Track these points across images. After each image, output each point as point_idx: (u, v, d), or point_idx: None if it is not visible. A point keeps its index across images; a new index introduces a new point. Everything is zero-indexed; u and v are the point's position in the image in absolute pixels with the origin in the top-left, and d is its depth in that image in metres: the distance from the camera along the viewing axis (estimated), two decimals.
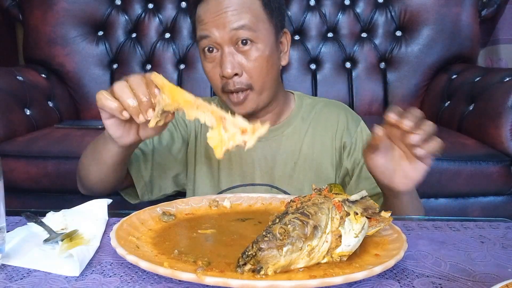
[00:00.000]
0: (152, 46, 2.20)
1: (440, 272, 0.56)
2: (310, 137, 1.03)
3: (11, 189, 0.95)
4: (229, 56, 0.89)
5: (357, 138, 1.02)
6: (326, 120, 1.04)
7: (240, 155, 1.02)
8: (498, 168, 1.54)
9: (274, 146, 1.02)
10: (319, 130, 1.03)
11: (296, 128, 1.03)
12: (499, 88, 1.61)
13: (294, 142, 1.02)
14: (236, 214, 0.74)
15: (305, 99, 1.08)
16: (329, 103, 1.09)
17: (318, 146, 1.02)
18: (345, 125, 1.03)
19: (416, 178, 0.74)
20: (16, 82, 1.83)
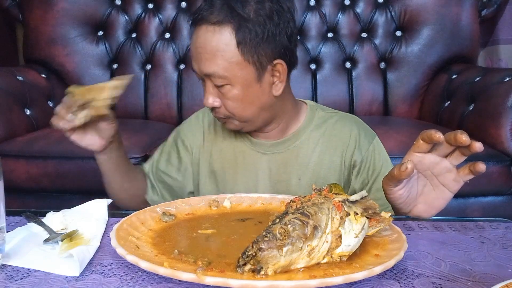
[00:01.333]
0: (152, 46, 2.20)
1: (440, 272, 0.56)
2: (318, 153, 0.98)
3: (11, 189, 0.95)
4: (209, 89, 0.89)
5: (368, 156, 0.97)
6: (337, 136, 0.98)
7: (245, 166, 1.00)
8: (498, 168, 1.54)
9: (279, 159, 0.99)
10: (328, 146, 0.98)
11: (304, 142, 0.99)
12: (499, 88, 1.62)
13: (301, 157, 0.98)
14: (236, 214, 0.74)
15: (318, 112, 1.02)
16: (343, 117, 1.02)
17: (326, 163, 0.97)
18: (357, 142, 0.97)
19: (440, 206, 0.73)
20: (16, 82, 1.83)
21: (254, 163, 1.00)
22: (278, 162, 0.99)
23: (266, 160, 0.99)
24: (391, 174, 0.69)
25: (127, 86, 0.96)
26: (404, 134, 1.64)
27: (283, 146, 0.99)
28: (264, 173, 0.99)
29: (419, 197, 0.73)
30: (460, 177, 0.70)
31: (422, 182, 0.72)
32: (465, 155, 0.67)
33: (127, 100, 2.16)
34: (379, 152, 0.99)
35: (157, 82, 2.17)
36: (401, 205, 0.74)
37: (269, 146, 0.99)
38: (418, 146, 0.69)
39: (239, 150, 1.01)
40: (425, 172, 0.71)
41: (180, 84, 2.18)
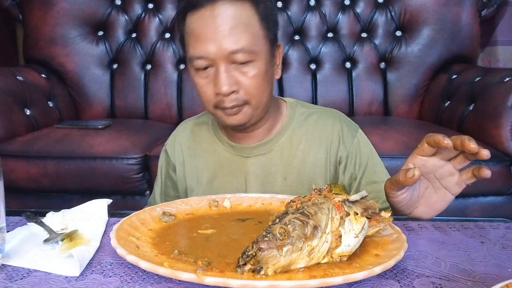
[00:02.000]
0: (152, 46, 2.20)
1: (440, 272, 0.56)
2: (302, 151, 0.97)
3: (11, 189, 0.96)
4: (225, 73, 0.84)
5: (353, 151, 0.96)
6: (320, 132, 0.97)
7: (231, 172, 0.98)
8: (498, 168, 1.54)
9: (264, 160, 0.97)
10: (312, 144, 0.97)
11: (286, 141, 0.97)
12: (499, 88, 1.62)
13: (285, 156, 0.97)
14: (236, 214, 0.74)
15: (298, 108, 1.01)
16: (324, 113, 1.01)
17: (310, 161, 0.96)
18: (341, 138, 0.96)
19: (441, 208, 0.72)
20: (16, 82, 1.83)
21: (240, 168, 0.98)
22: (263, 164, 0.97)
23: (251, 163, 0.97)
24: (396, 180, 0.68)
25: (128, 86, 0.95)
26: (404, 134, 1.65)
27: (266, 147, 0.97)
28: (251, 176, 0.97)
29: (420, 199, 0.73)
30: (462, 181, 0.69)
31: (424, 184, 0.72)
32: (469, 160, 0.66)
33: (127, 100, 2.16)
34: (364, 144, 0.98)
35: (157, 82, 2.17)
36: (402, 207, 0.73)
37: (252, 148, 0.97)
38: (422, 150, 0.68)
39: (223, 158, 0.99)
40: (427, 175, 0.71)
41: (180, 84, 2.18)
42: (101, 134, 1.70)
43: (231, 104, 0.86)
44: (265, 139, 0.97)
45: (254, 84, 0.86)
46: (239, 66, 0.85)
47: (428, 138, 0.67)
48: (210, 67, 0.85)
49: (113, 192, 1.62)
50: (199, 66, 0.86)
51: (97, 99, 2.16)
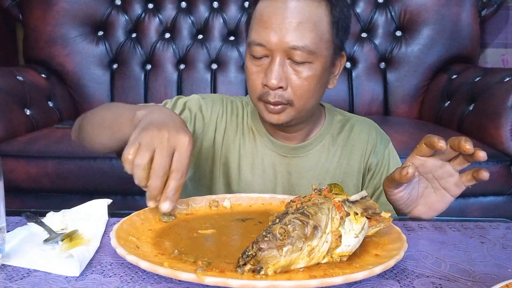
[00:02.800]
0: (152, 46, 2.20)
1: (440, 272, 0.56)
2: (338, 157, 0.97)
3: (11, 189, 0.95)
4: (278, 66, 0.82)
5: (383, 161, 0.97)
6: (355, 140, 0.98)
7: (263, 167, 0.96)
8: (498, 168, 1.54)
9: (300, 163, 0.96)
10: (347, 150, 0.97)
11: (324, 147, 0.97)
12: (499, 88, 1.62)
13: (322, 161, 0.96)
14: (236, 214, 0.74)
15: (336, 115, 1.01)
16: (360, 121, 1.01)
17: (344, 167, 0.97)
18: (374, 146, 0.97)
19: (441, 209, 0.72)
20: (16, 82, 1.83)
21: (273, 165, 0.96)
22: (299, 166, 0.96)
23: (286, 164, 0.96)
24: (392, 177, 0.69)
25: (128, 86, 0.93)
26: (404, 134, 1.65)
27: (304, 150, 0.96)
28: (284, 176, 0.96)
29: (420, 199, 0.73)
30: (462, 182, 0.69)
31: (423, 184, 0.72)
32: (468, 162, 0.67)
33: (127, 100, 2.16)
34: (393, 157, 0.99)
35: (157, 82, 2.18)
36: (401, 206, 0.74)
37: (291, 149, 0.96)
38: (420, 150, 0.69)
39: (258, 150, 0.97)
40: (426, 175, 0.71)
41: (180, 84, 2.18)
42: None
43: (274, 99, 0.84)
44: (304, 142, 0.96)
45: (304, 86, 0.84)
46: (294, 64, 0.83)
47: (426, 140, 0.67)
48: (266, 57, 0.84)
49: (113, 192, 1.62)
50: (255, 53, 0.84)
51: (97, 99, 2.16)
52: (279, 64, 0.82)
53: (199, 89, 2.15)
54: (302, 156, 0.96)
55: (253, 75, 0.86)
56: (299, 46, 0.81)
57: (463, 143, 0.63)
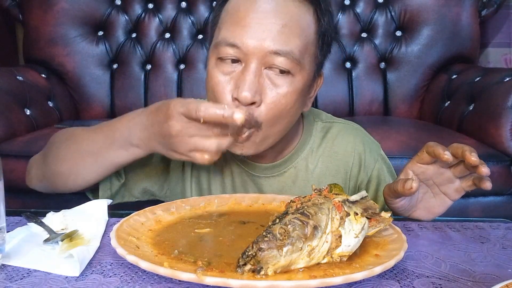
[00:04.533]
0: (152, 46, 2.20)
1: (440, 273, 0.56)
2: (318, 175, 0.85)
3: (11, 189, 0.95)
4: (253, 75, 0.68)
5: (375, 176, 0.88)
6: (338, 153, 0.86)
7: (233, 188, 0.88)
8: (498, 168, 1.54)
9: (275, 183, 0.85)
10: (329, 166, 0.86)
11: (302, 163, 0.85)
12: (499, 88, 1.62)
13: (299, 180, 0.85)
14: (236, 215, 0.74)
15: (316, 123, 0.88)
16: (343, 129, 0.89)
17: None
18: (362, 161, 0.86)
19: (440, 212, 0.72)
20: (16, 82, 1.83)
21: (244, 185, 0.87)
22: (273, 187, 0.85)
23: (259, 184, 0.86)
24: (394, 189, 0.66)
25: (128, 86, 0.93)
26: (404, 134, 1.64)
27: (279, 169, 0.85)
28: None
29: (419, 203, 0.72)
30: (462, 188, 0.69)
31: (423, 189, 0.72)
32: (470, 171, 0.66)
33: (127, 100, 2.17)
34: (386, 166, 0.91)
35: (157, 82, 2.17)
36: (400, 211, 0.74)
37: (263, 169, 0.85)
38: (422, 158, 0.67)
39: (228, 170, 0.87)
40: (427, 181, 0.71)
41: (180, 84, 2.18)
42: None
43: None
44: (279, 159, 0.85)
45: (281, 104, 0.70)
46: (273, 75, 0.70)
47: (429, 149, 0.65)
48: (237, 62, 0.70)
49: None
50: (225, 55, 0.70)
51: (97, 99, 2.16)
52: (254, 73, 0.68)
53: (199, 89, 2.15)
54: (275, 176, 0.85)
55: (219, 85, 0.70)
56: (282, 51, 0.68)
57: (468, 154, 0.61)
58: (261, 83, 0.69)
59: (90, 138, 0.77)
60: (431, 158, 0.66)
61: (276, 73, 0.70)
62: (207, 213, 0.75)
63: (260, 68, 0.69)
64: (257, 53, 0.68)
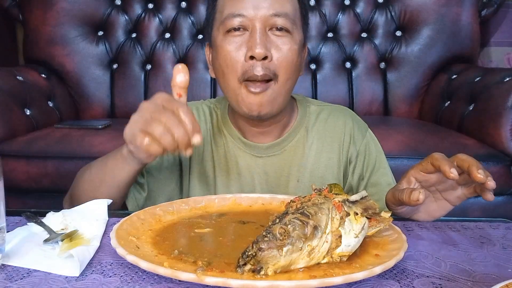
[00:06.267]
0: (152, 46, 2.20)
1: (440, 273, 0.56)
2: (315, 151, 0.93)
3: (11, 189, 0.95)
4: (261, 35, 0.80)
5: (363, 150, 0.94)
6: (332, 131, 0.94)
7: (238, 170, 0.93)
8: (498, 168, 1.54)
9: (276, 162, 0.93)
10: (325, 142, 0.94)
11: (299, 141, 0.94)
12: (499, 88, 1.62)
13: (298, 157, 0.93)
14: (236, 215, 0.74)
15: (309, 106, 0.97)
16: (334, 110, 0.98)
17: (323, 161, 0.93)
18: (352, 137, 0.94)
19: (440, 216, 0.72)
20: (16, 82, 1.83)
21: (248, 167, 0.93)
22: (275, 165, 0.93)
23: (262, 164, 0.93)
24: (400, 198, 0.67)
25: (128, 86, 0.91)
26: (404, 134, 1.65)
27: (279, 147, 0.93)
28: (261, 177, 0.93)
29: (420, 207, 0.73)
30: (464, 194, 0.69)
31: None
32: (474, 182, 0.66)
33: (127, 100, 2.17)
34: (373, 144, 0.96)
35: (157, 82, 2.18)
36: (401, 215, 0.74)
37: (265, 148, 0.93)
38: (425, 168, 0.68)
39: (232, 154, 0.94)
40: (429, 188, 0.71)
41: None
42: (101, 134, 1.70)
43: (262, 72, 0.80)
44: (279, 138, 0.93)
45: (288, 57, 0.82)
46: (275, 35, 0.82)
47: (434, 161, 0.65)
48: (244, 29, 0.82)
49: None
50: (230, 26, 0.82)
51: (97, 99, 2.17)
52: (261, 33, 0.80)
53: (200, 89, 2.16)
54: (277, 155, 0.93)
55: (231, 53, 0.82)
56: (281, 13, 0.81)
57: (475, 172, 0.61)
58: (269, 41, 0.81)
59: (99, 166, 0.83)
60: (435, 168, 0.66)
61: (278, 33, 0.82)
62: (207, 213, 0.75)
63: (264, 30, 0.81)
64: (259, 17, 0.81)
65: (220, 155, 0.95)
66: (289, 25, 0.82)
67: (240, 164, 0.94)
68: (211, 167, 0.95)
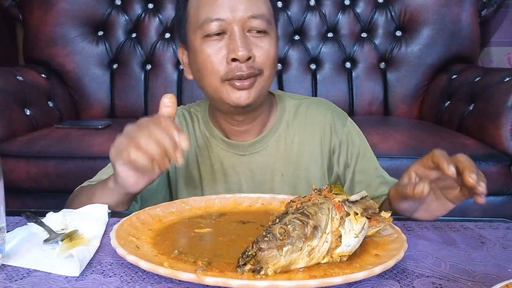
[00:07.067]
0: (152, 46, 2.20)
1: (440, 272, 0.56)
2: (297, 144, 0.95)
3: (11, 189, 0.95)
4: (242, 37, 0.81)
5: (345, 139, 0.95)
6: (312, 124, 0.96)
7: (223, 171, 0.95)
8: (498, 168, 1.54)
9: (260, 158, 0.94)
10: (306, 135, 0.95)
11: (281, 135, 0.95)
12: (499, 88, 1.62)
13: (281, 151, 0.94)
14: (236, 216, 0.74)
15: (287, 101, 0.98)
16: (312, 102, 0.99)
17: (306, 153, 0.95)
18: (332, 127, 0.95)
19: (440, 215, 0.72)
20: (16, 82, 1.83)
21: (233, 166, 0.94)
22: (259, 162, 0.94)
23: (247, 162, 0.94)
24: (403, 192, 0.67)
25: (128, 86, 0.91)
26: (404, 134, 1.64)
27: (261, 144, 0.94)
28: (247, 175, 0.94)
29: (421, 205, 0.73)
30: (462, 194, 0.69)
31: None
32: None
33: (127, 100, 2.16)
34: (354, 132, 0.97)
35: (157, 82, 2.18)
36: (402, 212, 0.74)
37: (247, 146, 0.94)
38: (425, 163, 0.68)
39: (215, 155, 0.95)
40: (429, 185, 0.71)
41: (180, 84, 2.18)
42: (101, 134, 1.70)
43: (248, 71, 0.82)
44: (260, 135, 0.94)
45: (269, 54, 0.84)
46: (254, 36, 0.83)
47: (434, 158, 0.66)
48: (223, 33, 0.83)
49: None
50: (210, 31, 0.82)
51: (97, 99, 2.17)
52: (241, 35, 0.82)
53: (199, 90, 2.15)
54: (260, 151, 0.94)
55: (212, 56, 0.83)
56: (258, 15, 0.82)
57: (467, 176, 0.62)
58: (249, 42, 0.83)
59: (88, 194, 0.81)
60: (434, 165, 0.67)
61: (257, 35, 0.84)
62: (207, 213, 0.75)
63: (243, 31, 0.83)
64: (238, 20, 0.82)
65: (204, 157, 0.96)
66: (265, 25, 0.84)
67: (225, 164, 0.95)
68: (196, 169, 0.96)
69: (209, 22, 0.82)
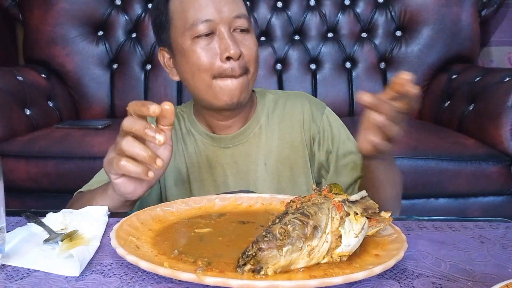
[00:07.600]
0: (152, 46, 2.20)
1: (440, 272, 0.56)
2: (277, 134, 0.99)
3: (11, 189, 0.95)
4: (231, 36, 0.86)
5: (324, 126, 0.99)
6: (291, 115, 1.00)
7: (209, 163, 0.98)
8: (498, 168, 1.54)
9: (243, 150, 0.98)
10: (286, 125, 0.99)
11: (262, 127, 0.99)
12: (499, 88, 1.62)
13: (263, 142, 0.98)
14: (236, 215, 0.74)
15: (267, 95, 1.03)
16: (291, 95, 1.04)
17: (287, 142, 0.98)
18: (311, 116, 0.99)
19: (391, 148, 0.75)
20: (16, 82, 1.83)
21: (218, 159, 0.98)
22: (243, 153, 0.98)
23: (231, 154, 0.98)
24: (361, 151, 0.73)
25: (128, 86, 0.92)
26: (404, 134, 1.64)
27: (244, 135, 0.98)
28: (231, 167, 0.98)
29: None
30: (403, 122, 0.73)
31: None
32: None
33: (127, 100, 2.15)
34: (333, 119, 1.01)
35: (157, 82, 2.18)
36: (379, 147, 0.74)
37: (230, 138, 0.98)
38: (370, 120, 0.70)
39: (201, 149, 0.99)
40: None
41: (180, 84, 2.18)
42: (101, 134, 1.70)
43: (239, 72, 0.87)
44: (242, 128, 0.98)
45: (254, 52, 0.90)
46: (239, 34, 0.88)
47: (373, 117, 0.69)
48: (212, 33, 0.87)
49: None
50: (200, 32, 0.86)
51: (97, 99, 2.17)
52: (230, 34, 0.87)
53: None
54: (243, 143, 0.98)
55: (203, 56, 0.87)
56: (241, 14, 0.88)
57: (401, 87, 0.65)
58: (237, 41, 0.87)
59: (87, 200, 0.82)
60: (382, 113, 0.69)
61: (241, 33, 0.89)
62: (207, 213, 0.75)
63: (230, 30, 0.87)
64: (225, 20, 0.86)
65: (190, 153, 0.99)
66: (247, 24, 0.89)
67: (210, 157, 0.99)
68: (184, 164, 1.00)
69: (199, 23, 0.86)
